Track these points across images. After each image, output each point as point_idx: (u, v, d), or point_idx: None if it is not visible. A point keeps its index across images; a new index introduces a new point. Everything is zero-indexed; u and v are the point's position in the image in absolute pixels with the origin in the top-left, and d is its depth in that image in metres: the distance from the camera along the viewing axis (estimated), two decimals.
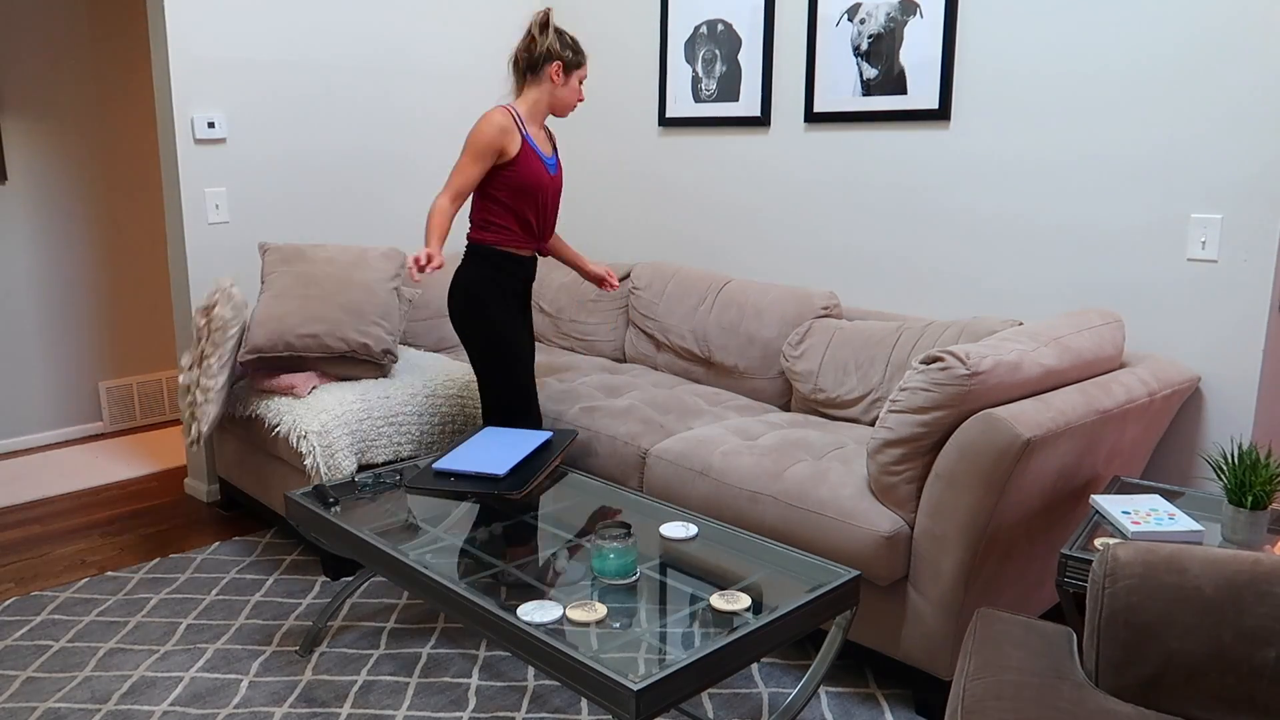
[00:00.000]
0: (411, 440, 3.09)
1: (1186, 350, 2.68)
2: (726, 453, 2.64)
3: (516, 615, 1.85)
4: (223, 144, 3.48)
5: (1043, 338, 2.35)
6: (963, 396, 2.15)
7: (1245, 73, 2.50)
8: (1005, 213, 2.99)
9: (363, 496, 2.54)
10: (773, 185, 3.60)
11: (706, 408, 3.12)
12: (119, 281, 4.51)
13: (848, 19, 3.27)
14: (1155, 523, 2.04)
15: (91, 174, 4.36)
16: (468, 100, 4.15)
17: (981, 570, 2.22)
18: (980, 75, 3.00)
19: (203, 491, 3.68)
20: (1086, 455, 2.32)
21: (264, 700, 2.36)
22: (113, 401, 4.51)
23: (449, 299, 2.88)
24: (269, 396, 3.08)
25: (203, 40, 3.37)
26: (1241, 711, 1.49)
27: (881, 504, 2.31)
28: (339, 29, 3.72)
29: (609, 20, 4.07)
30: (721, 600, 1.93)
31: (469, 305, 2.83)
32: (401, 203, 4.02)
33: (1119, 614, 1.55)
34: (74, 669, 2.50)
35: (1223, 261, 2.59)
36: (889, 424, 2.27)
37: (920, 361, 2.23)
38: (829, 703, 2.36)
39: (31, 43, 4.11)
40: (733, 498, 2.55)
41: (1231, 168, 2.55)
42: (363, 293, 3.17)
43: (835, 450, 2.65)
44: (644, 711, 1.61)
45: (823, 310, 3.23)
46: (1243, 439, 2.62)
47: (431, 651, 2.58)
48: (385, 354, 3.14)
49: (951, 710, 1.54)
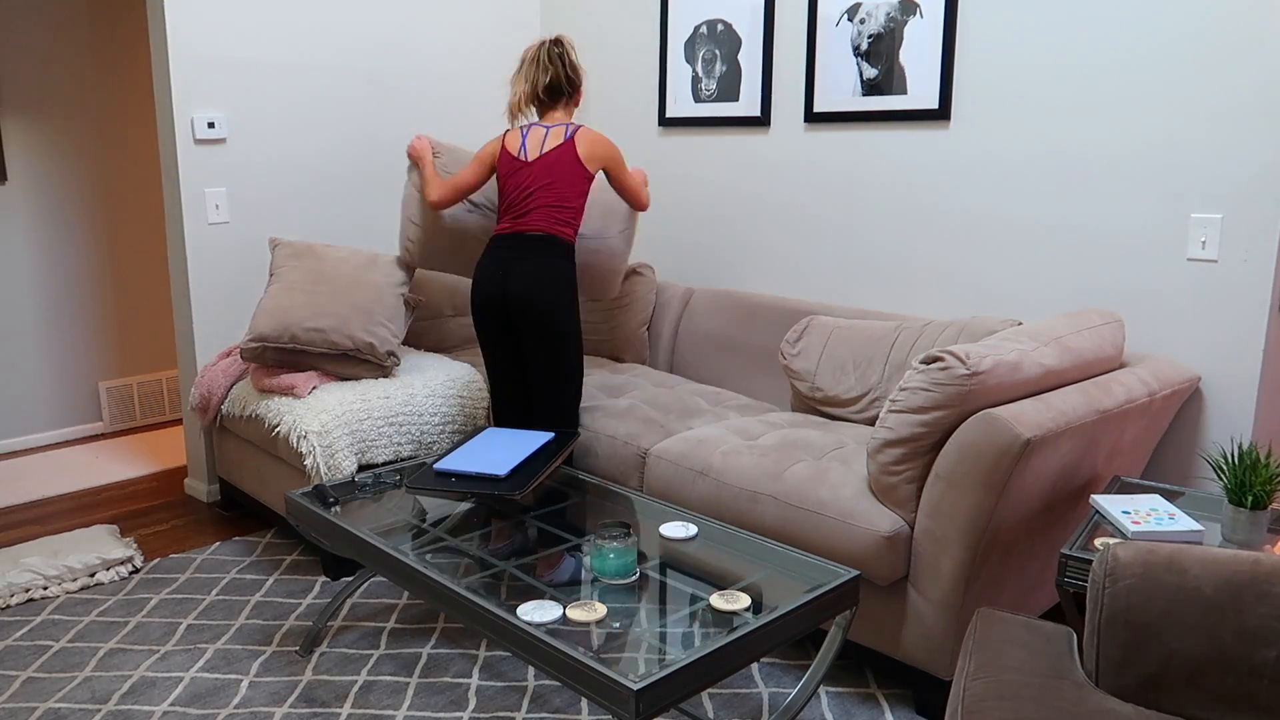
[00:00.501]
0: (411, 440, 3.09)
1: (1186, 350, 2.68)
2: (726, 453, 2.64)
3: (516, 615, 1.85)
4: (223, 144, 3.48)
5: (1042, 337, 2.35)
6: (963, 396, 2.15)
7: (1245, 73, 2.50)
8: (1005, 213, 3.00)
9: (363, 496, 2.55)
10: (773, 185, 3.60)
11: (707, 407, 3.12)
12: (119, 281, 4.51)
13: (848, 19, 3.27)
14: (1155, 523, 2.04)
15: (91, 174, 4.36)
16: (468, 100, 4.15)
17: (981, 570, 2.22)
18: (980, 75, 3.00)
19: (203, 491, 3.68)
20: (1086, 455, 2.32)
21: (264, 700, 2.36)
22: (113, 401, 4.51)
23: (543, 289, 2.83)
24: (269, 396, 3.08)
25: (203, 39, 3.37)
26: (1242, 711, 1.50)
27: (882, 504, 2.31)
28: (339, 29, 3.72)
29: (609, 20, 4.07)
30: (721, 600, 1.93)
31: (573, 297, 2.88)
32: (402, 203, 4.01)
33: (1119, 614, 1.55)
34: (74, 669, 2.50)
35: (1223, 261, 2.59)
36: (889, 424, 2.27)
37: (920, 361, 2.23)
38: (829, 703, 2.36)
39: (31, 43, 4.11)
40: (733, 498, 2.54)
41: (1231, 168, 2.55)
42: (372, 293, 3.18)
43: (835, 450, 2.65)
44: (644, 711, 1.61)
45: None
46: (1243, 439, 2.62)
47: (432, 651, 2.59)
48: (389, 355, 3.14)
49: (951, 710, 1.54)
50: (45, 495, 3.75)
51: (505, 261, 2.87)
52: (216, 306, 3.54)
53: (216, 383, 3.33)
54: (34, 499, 3.72)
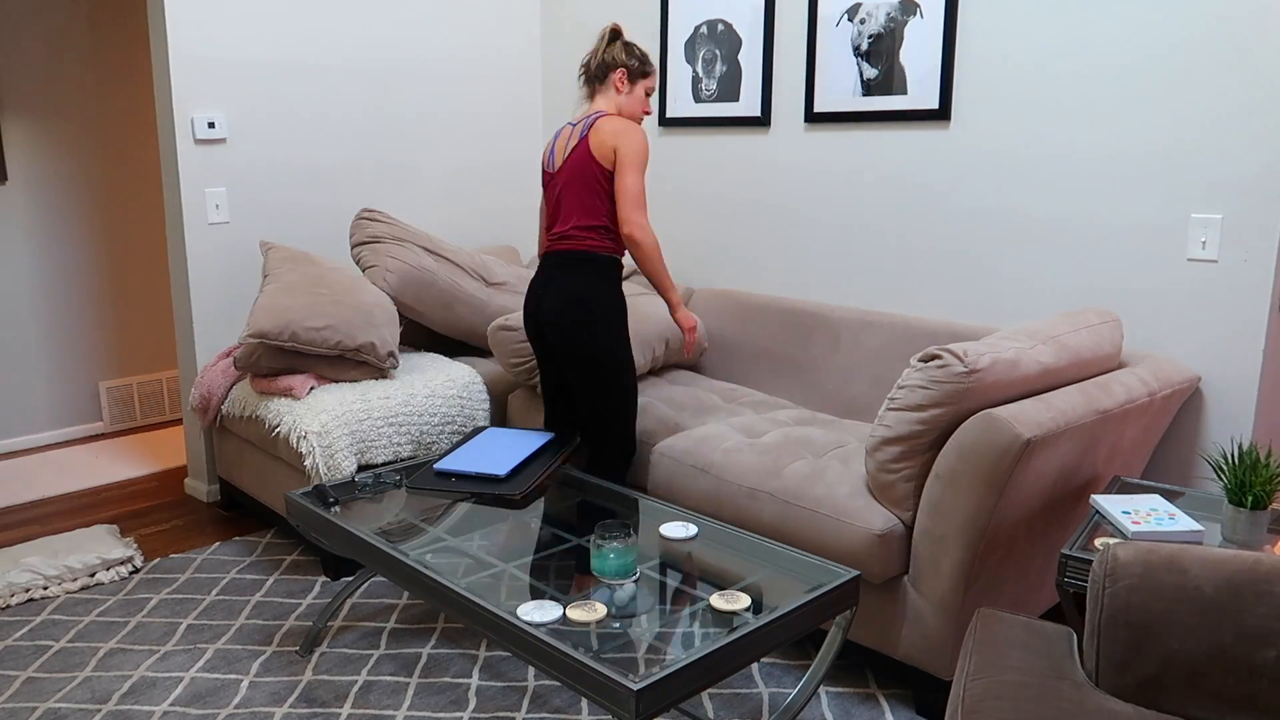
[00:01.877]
0: (411, 440, 3.09)
1: (1186, 350, 2.68)
2: (729, 450, 2.64)
3: (516, 615, 1.85)
4: (223, 144, 3.48)
5: (1040, 336, 2.35)
6: (960, 394, 2.15)
7: (1245, 73, 2.50)
8: (1005, 213, 2.99)
9: (363, 496, 2.55)
10: (773, 185, 3.60)
11: (721, 404, 3.13)
12: (119, 281, 4.51)
13: (848, 19, 3.27)
14: (1155, 523, 2.04)
15: (91, 174, 4.36)
16: (469, 101, 4.15)
17: (981, 570, 2.22)
18: (980, 75, 3.00)
19: (203, 491, 3.68)
20: (1086, 455, 2.32)
21: (264, 700, 2.36)
22: (113, 401, 4.51)
23: (572, 309, 2.68)
24: (269, 397, 3.08)
25: (203, 40, 3.37)
26: (1242, 711, 1.49)
27: (877, 502, 2.31)
28: (340, 29, 3.72)
29: (609, 21, 4.07)
30: (721, 600, 1.93)
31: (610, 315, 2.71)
32: (402, 203, 4.02)
33: (1119, 614, 1.55)
34: (74, 669, 2.50)
35: (1223, 261, 2.59)
36: (887, 421, 2.27)
37: (918, 359, 2.23)
38: (829, 703, 2.36)
39: (31, 43, 4.11)
40: (732, 495, 2.55)
41: (1231, 168, 2.55)
42: (373, 297, 3.20)
43: (836, 449, 2.65)
44: (644, 711, 1.61)
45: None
46: (1243, 439, 2.62)
47: (432, 651, 2.59)
48: (389, 356, 3.14)
49: (951, 710, 1.54)
50: (45, 495, 3.75)
51: (544, 281, 2.77)
52: (216, 306, 3.54)
53: (216, 383, 3.33)
54: (34, 499, 3.72)
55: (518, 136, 4.34)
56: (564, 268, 2.72)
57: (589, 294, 2.69)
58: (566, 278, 2.71)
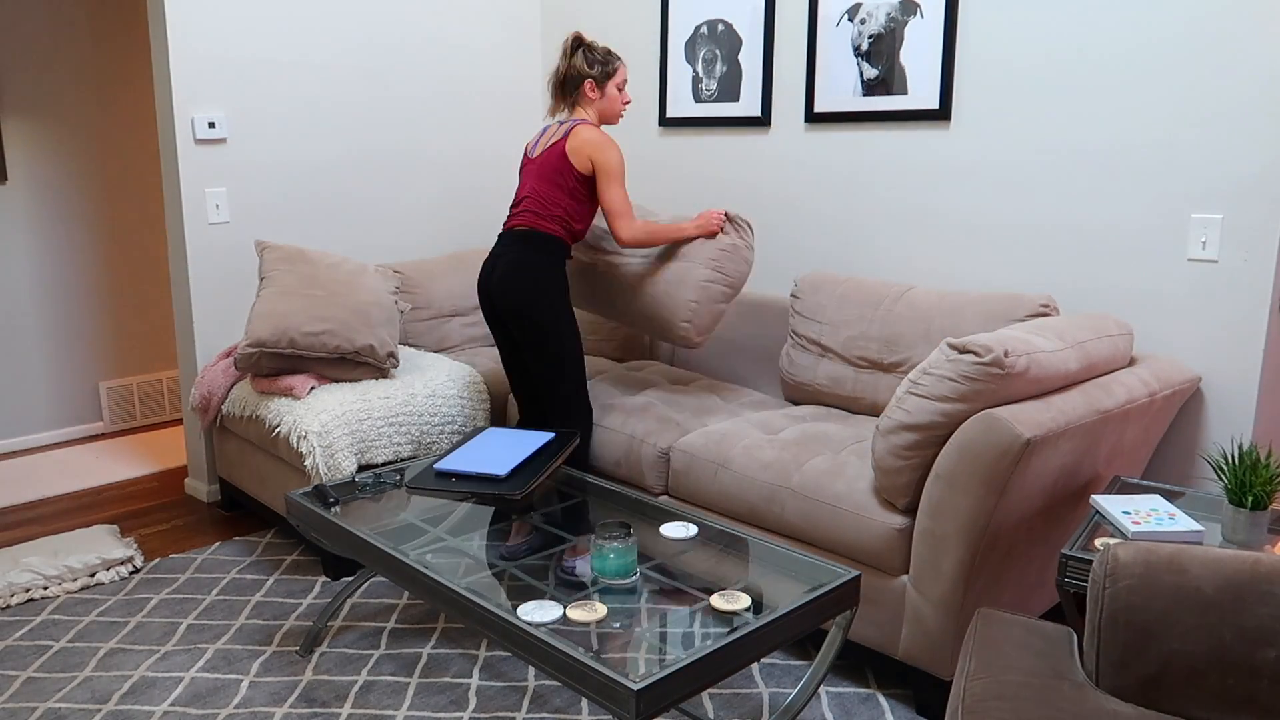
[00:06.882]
0: (411, 440, 3.09)
1: (1187, 350, 2.68)
2: (748, 446, 2.65)
3: (516, 615, 1.85)
4: (223, 144, 3.48)
5: (1068, 339, 2.33)
6: (990, 394, 2.14)
7: (1245, 72, 2.50)
8: (1005, 213, 2.99)
9: (363, 496, 2.55)
10: (773, 185, 3.60)
11: (721, 404, 3.13)
12: (119, 281, 4.51)
13: (848, 19, 3.27)
14: (1155, 523, 2.04)
15: (91, 174, 4.36)
16: (469, 101, 4.15)
17: (982, 570, 2.22)
18: (980, 75, 3.00)
19: (203, 491, 3.68)
20: (1087, 455, 2.32)
21: (264, 700, 2.36)
22: (113, 401, 4.51)
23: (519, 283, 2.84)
24: (269, 397, 3.08)
25: (203, 40, 3.37)
26: (1242, 711, 1.49)
27: (874, 490, 2.34)
28: (340, 29, 3.72)
29: (609, 20, 4.07)
30: (721, 600, 1.93)
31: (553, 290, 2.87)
32: (403, 203, 4.02)
33: (1119, 614, 1.55)
34: (74, 669, 2.50)
35: (1223, 261, 2.59)
36: (907, 406, 2.23)
37: (951, 347, 2.18)
38: (829, 703, 2.36)
39: (31, 43, 4.11)
40: (752, 491, 2.56)
41: (1231, 168, 2.55)
42: (369, 296, 3.18)
43: (854, 444, 2.66)
44: (644, 711, 1.60)
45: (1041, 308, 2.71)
46: (1243, 439, 2.62)
47: (432, 651, 2.59)
48: (389, 356, 3.14)
49: (952, 710, 1.54)
50: (45, 495, 3.75)
51: (494, 257, 2.96)
52: (216, 306, 3.53)
53: (217, 383, 3.33)
54: (34, 499, 3.72)
55: (518, 136, 4.33)
56: (514, 244, 2.91)
57: (537, 269, 2.87)
58: (518, 253, 2.89)
